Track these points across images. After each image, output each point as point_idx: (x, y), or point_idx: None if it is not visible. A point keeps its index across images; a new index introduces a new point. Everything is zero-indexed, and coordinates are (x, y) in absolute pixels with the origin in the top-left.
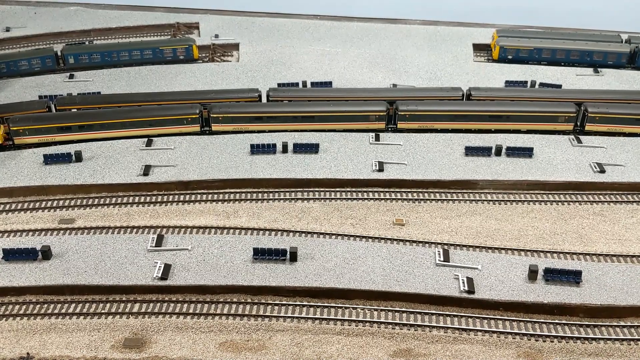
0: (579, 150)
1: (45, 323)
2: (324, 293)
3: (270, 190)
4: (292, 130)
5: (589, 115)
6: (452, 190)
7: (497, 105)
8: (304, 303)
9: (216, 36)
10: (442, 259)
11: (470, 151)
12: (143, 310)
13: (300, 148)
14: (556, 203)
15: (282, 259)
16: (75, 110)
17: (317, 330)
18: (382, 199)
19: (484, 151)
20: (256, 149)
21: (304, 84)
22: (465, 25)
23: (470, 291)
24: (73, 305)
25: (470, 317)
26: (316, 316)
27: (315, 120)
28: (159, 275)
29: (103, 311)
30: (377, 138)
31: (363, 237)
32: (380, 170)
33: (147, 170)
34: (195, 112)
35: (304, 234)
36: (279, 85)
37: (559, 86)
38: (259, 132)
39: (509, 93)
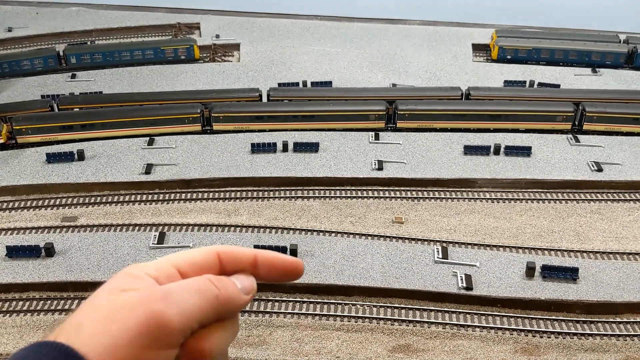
0: (577, 149)
1: (49, 319)
2: (323, 290)
3: (271, 188)
4: (292, 130)
5: (587, 114)
6: (451, 189)
7: (496, 104)
8: (304, 299)
9: (217, 36)
10: (440, 256)
11: (469, 150)
12: None
13: (300, 147)
14: (554, 201)
15: None
16: (77, 109)
17: (317, 326)
18: (381, 197)
19: (482, 150)
20: (257, 148)
21: (304, 83)
22: (465, 25)
23: (469, 288)
24: (76, 301)
25: (469, 313)
26: (316, 312)
27: (315, 120)
28: None
29: None
30: (377, 137)
31: (362, 234)
32: (380, 169)
33: (149, 168)
34: (197, 112)
35: (304, 232)
36: (279, 85)
37: (558, 86)
38: (259, 131)
39: (508, 93)
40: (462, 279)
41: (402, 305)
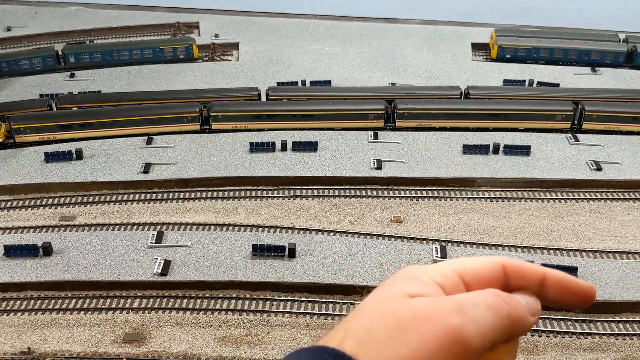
0: (576, 149)
1: (46, 318)
2: (322, 289)
3: (269, 187)
4: (291, 129)
5: (586, 113)
6: (450, 188)
7: (495, 103)
8: (303, 299)
9: (216, 35)
10: (439, 255)
11: (468, 149)
12: (143, 305)
13: (299, 146)
14: (553, 200)
15: (281, 255)
16: (76, 108)
17: (315, 325)
18: (380, 196)
19: (481, 149)
20: (255, 147)
21: (303, 83)
22: (464, 24)
23: None
24: (74, 300)
25: None
26: (314, 311)
27: (314, 119)
28: (159, 271)
29: (103, 306)
30: (376, 136)
31: (361, 233)
32: (379, 168)
33: (147, 168)
34: (195, 111)
35: (302, 231)
36: (278, 84)
37: (557, 85)
38: (258, 130)
39: (507, 92)
40: None
41: None
